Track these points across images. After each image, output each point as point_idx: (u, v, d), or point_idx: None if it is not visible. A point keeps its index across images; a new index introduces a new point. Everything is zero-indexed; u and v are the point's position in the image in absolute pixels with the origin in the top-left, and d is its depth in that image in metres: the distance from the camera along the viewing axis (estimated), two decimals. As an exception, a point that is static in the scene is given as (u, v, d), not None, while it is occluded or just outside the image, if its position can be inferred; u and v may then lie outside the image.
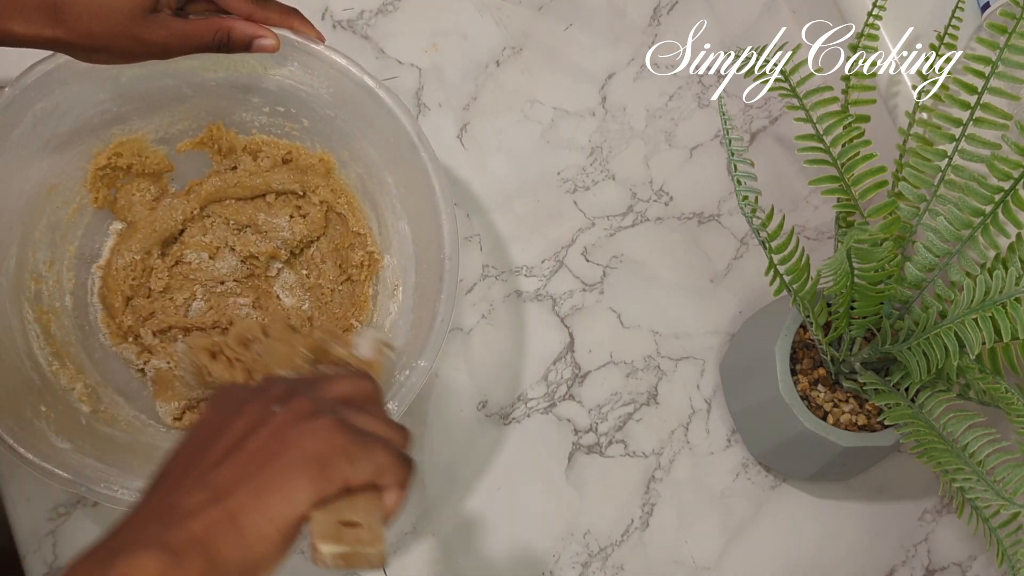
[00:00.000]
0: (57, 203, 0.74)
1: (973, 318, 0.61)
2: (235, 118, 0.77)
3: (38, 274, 0.73)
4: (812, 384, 0.76)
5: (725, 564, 0.80)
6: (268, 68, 0.73)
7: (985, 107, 0.69)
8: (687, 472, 0.82)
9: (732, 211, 0.89)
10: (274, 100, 0.75)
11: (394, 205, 0.76)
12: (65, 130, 0.71)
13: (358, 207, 0.79)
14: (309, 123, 0.77)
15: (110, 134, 0.74)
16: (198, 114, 0.76)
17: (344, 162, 0.78)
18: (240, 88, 0.75)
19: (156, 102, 0.74)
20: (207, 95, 0.75)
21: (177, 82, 0.73)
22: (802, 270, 0.69)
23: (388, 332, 0.74)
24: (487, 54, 0.90)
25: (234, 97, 0.75)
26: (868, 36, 0.74)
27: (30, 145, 0.70)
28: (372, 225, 0.78)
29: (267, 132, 0.78)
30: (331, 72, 0.72)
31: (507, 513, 0.78)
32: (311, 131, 0.77)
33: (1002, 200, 0.67)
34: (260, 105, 0.76)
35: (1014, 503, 0.63)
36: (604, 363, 0.83)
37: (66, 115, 0.71)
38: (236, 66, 0.73)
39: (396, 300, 0.75)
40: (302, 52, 0.71)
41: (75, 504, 0.72)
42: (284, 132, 0.78)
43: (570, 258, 0.86)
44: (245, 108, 0.76)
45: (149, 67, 0.66)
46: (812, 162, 0.70)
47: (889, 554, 0.83)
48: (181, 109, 0.75)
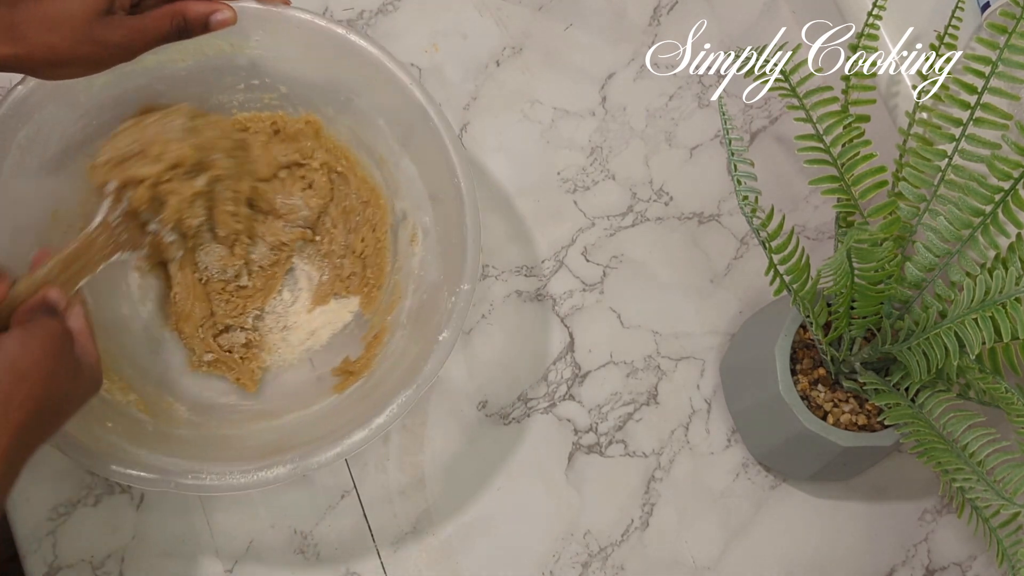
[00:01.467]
0: (63, 228, 0.73)
1: (973, 318, 0.61)
2: (213, 102, 0.76)
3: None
4: (812, 384, 0.76)
5: (725, 564, 0.80)
6: (235, 45, 0.72)
7: (985, 107, 0.69)
8: (687, 472, 0.82)
9: (732, 211, 0.89)
10: (247, 75, 0.75)
11: (392, 147, 0.76)
12: (52, 153, 0.70)
13: (355, 159, 0.78)
14: (287, 89, 0.76)
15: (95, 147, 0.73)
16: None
17: (330, 119, 0.77)
18: (211, 71, 0.74)
19: (130, 104, 0.73)
20: (179, 86, 0.74)
21: (148, 80, 0.73)
22: (802, 270, 0.69)
23: (419, 271, 0.75)
24: (487, 54, 0.90)
25: (207, 82, 0.75)
26: (868, 36, 0.74)
27: (23, 175, 0.69)
28: (374, 173, 0.78)
29: (247, 108, 0.77)
30: (297, 32, 0.71)
31: (507, 513, 0.78)
32: (290, 97, 0.77)
33: (1002, 200, 0.67)
34: (234, 83, 0.75)
35: (1014, 503, 0.63)
36: (604, 363, 0.83)
37: (50, 138, 0.70)
38: (202, 50, 0.72)
39: (417, 241, 0.76)
40: (264, 20, 0.70)
41: (75, 504, 0.72)
42: (264, 104, 0.77)
43: (570, 258, 0.86)
44: (220, 90, 0.76)
45: (117, 72, 0.65)
46: (812, 162, 0.70)
47: (889, 554, 0.83)
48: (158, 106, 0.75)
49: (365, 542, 0.76)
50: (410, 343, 0.72)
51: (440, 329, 0.69)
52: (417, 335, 0.71)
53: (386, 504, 0.77)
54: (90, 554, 0.71)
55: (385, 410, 0.66)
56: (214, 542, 0.74)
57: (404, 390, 0.66)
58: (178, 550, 0.73)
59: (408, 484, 0.77)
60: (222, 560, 0.73)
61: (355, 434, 0.65)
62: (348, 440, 0.65)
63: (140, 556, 0.72)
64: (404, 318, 0.75)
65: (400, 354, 0.72)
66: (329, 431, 0.67)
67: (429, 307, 0.72)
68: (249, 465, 0.64)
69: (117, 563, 0.72)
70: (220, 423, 0.73)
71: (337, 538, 0.75)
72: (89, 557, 0.71)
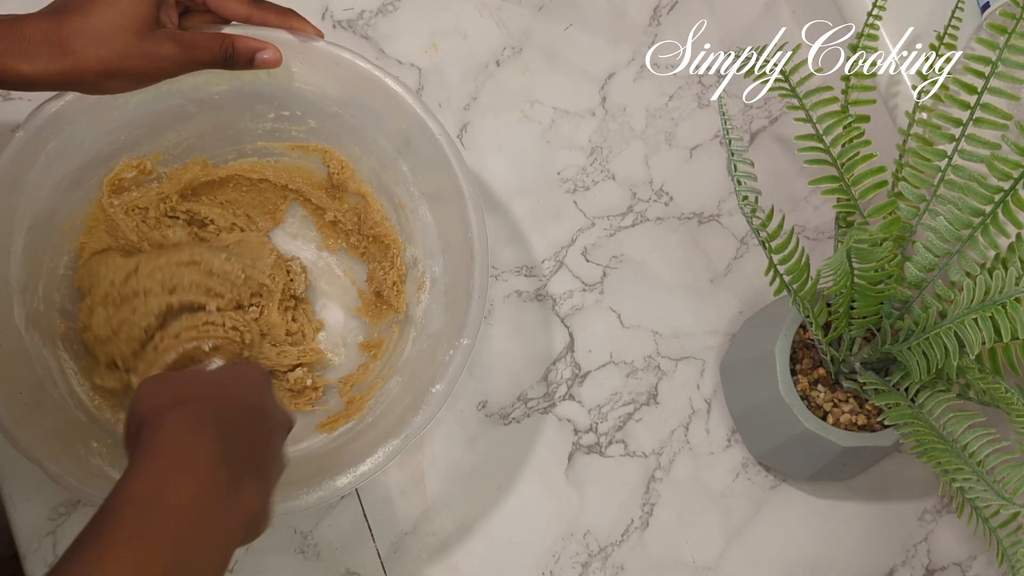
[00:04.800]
0: (70, 239, 0.73)
1: (973, 318, 0.61)
2: (239, 127, 0.77)
3: (66, 312, 0.72)
4: (812, 384, 0.76)
5: (725, 564, 0.80)
6: (272, 74, 0.72)
7: (985, 107, 0.69)
8: (687, 472, 0.82)
9: (732, 211, 0.89)
10: (279, 105, 0.75)
11: (412, 193, 0.76)
12: (76, 166, 0.70)
13: (373, 202, 0.78)
14: (316, 123, 0.76)
15: (118, 163, 0.74)
16: (203, 129, 0.76)
17: (356, 158, 0.78)
18: (244, 97, 0.74)
19: (161, 124, 0.74)
20: (211, 109, 0.74)
21: (181, 101, 0.73)
22: (802, 270, 0.69)
23: (422, 319, 0.75)
24: (487, 54, 0.90)
25: (238, 107, 0.75)
26: (868, 36, 0.74)
27: (46, 185, 0.69)
28: (391, 217, 0.78)
29: (272, 139, 0.78)
30: (335, 68, 0.71)
31: (507, 513, 0.78)
32: (318, 131, 0.77)
33: (1002, 200, 0.67)
34: (265, 112, 0.76)
35: (1014, 503, 0.63)
36: (604, 363, 0.83)
37: (78, 150, 0.70)
38: (239, 75, 0.72)
39: (424, 288, 0.76)
40: (304, 52, 0.71)
41: (75, 504, 0.72)
42: (290, 136, 0.77)
43: (570, 258, 0.86)
44: (249, 117, 0.76)
45: (153, 90, 0.65)
46: (812, 162, 0.70)
47: (889, 554, 0.83)
48: (187, 127, 0.75)
49: (365, 542, 0.76)
50: (404, 391, 0.71)
51: (435, 381, 0.68)
52: (412, 384, 0.71)
53: (386, 504, 0.77)
54: (90, 554, 0.71)
55: (369, 458, 0.65)
56: (214, 542, 0.74)
57: (392, 439, 0.66)
58: (178, 550, 0.73)
59: (408, 484, 0.77)
60: (222, 560, 0.73)
61: (338, 479, 0.65)
62: (331, 484, 0.65)
63: (140, 556, 0.72)
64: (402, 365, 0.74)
65: (393, 401, 0.71)
66: (312, 473, 0.66)
67: (427, 357, 0.72)
68: None
69: (117, 563, 0.72)
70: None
71: (337, 538, 0.75)
72: (89, 557, 0.71)
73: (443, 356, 0.69)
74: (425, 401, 0.67)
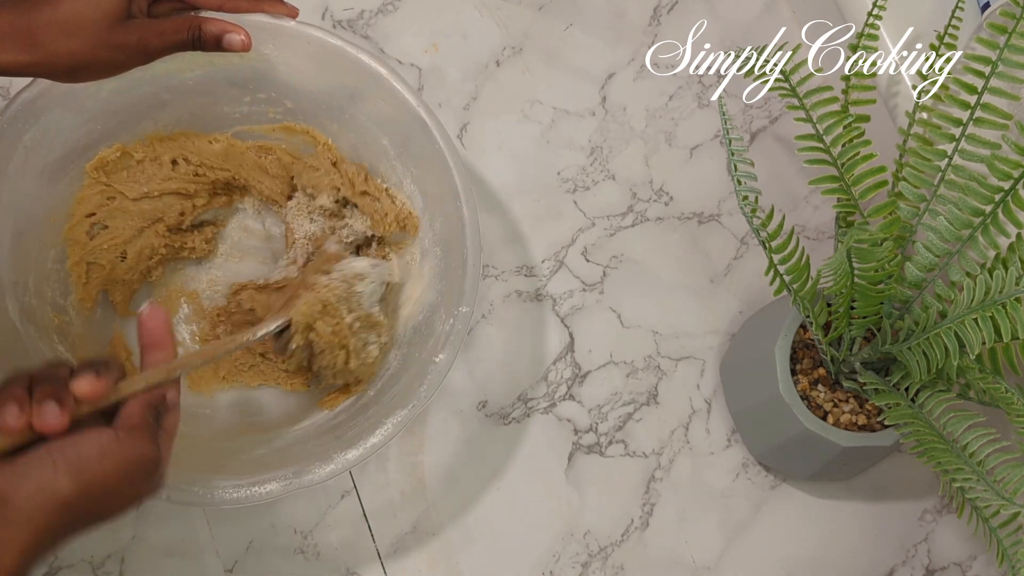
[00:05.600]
0: (59, 234, 0.73)
1: (973, 318, 0.61)
2: (216, 112, 0.76)
3: (58, 306, 0.72)
4: (812, 384, 0.76)
5: (725, 564, 0.80)
6: (244, 57, 0.72)
7: (985, 107, 0.69)
8: (687, 472, 0.82)
9: (732, 211, 0.89)
10: (255, 87, 0.75)
11: (394, 166, 0.76)
12: (55, 157, 0.71)
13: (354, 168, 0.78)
14: (293, 104, 0.76)
15: (96, 153, 0.74)
16: (179, 116, 0.76)
17: (334, 135, 0.77)
18: (219, 82, 0.74)
19: (137, 112, 0.74)
20: (186, 95, 0.74)
21: (155, 88, 0.73)
22: (802, 270, 0.69)
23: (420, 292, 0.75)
24: (487, 54, 0.90)
25: (213, 92, 0.75)
26: (868, 36, 0.74)
27: (26, 178, 0.69)
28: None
29: (250, 122, 0.77)
30: (308, 47, 0.71)
31: (507, 513, 0.78)
32: (295, 112, 0.76)
33: (1002, 200, 0.67)
34: (240, 96, 0.75)
35: (1014, 503, 0.63)
36: (604, 363, 0.83)
37: (55, 141, 0.70)
38: (211, 61, 0.72)
39: (416, 260, 0.76)
40: (277, 34, 0.70)
41: (75, 504, 0.72)
42: (267, 118, 0.77)
43: (570, 258, 0.86)
44: (225, 101, 0.76)
45: (126, 78, 0.64)
46: (812, 162, 0.70)
47: (889, 554, 0.83)
48: (163, 115, 0.75)
49: (365, 542, 0.76)
50: (406, 363, 0.72)
51: (436, 351, 0.68)
52: (413, 356, 0.71)
53: (386, 504, 0.77)
54: (90, 554, 0.71)
55: (378, 429, 0.66)
56: (214, 542, 0.74)
57: (399, 410, 0.66)
58: (178, 550, 0.73)
59: (408, 484, 0.77)
60: (222, 560, 0.73)
61: (349, 452, 0.65)
62: (342, 457, 0.65)
63: (140, 556, 0.72)
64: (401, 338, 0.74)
65: (392, 375, 0.72)
66: (322, 448, 0.67)
67: (426, 328, 0.72)
68: (241, 480, 0.64)
69: (117, 563, 0.72)
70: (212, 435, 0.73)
71: (337, 538, 0.75)
72: (89, 557, 0.71)
73: (442, 326, 0.69)
74: (429, 371, 0.67)
